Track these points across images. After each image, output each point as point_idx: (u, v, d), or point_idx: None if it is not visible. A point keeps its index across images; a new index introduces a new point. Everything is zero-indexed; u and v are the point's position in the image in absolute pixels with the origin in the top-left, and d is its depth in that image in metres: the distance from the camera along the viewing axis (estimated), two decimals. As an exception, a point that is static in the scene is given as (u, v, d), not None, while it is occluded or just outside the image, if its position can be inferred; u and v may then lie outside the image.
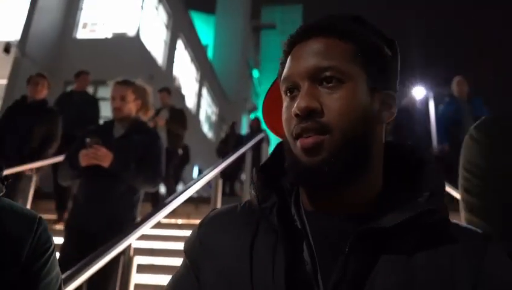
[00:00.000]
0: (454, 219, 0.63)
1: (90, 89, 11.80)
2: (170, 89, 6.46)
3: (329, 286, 0.55)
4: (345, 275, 0.55)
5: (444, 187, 0.61)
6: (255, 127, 7.72)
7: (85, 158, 2.29)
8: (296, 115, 0.60)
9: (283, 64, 0.67)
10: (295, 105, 0.60)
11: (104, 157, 2.28)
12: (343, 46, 0.61)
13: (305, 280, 0.57)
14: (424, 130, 5.48)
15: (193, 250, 0.69)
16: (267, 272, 0.59)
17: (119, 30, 12.61)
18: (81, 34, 12.47)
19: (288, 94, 0.64)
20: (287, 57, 0.66)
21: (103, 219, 2.25)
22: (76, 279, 1.66)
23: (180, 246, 3.31)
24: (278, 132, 0.76)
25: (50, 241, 0.75)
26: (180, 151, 6.02)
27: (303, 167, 0.59)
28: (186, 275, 0.68)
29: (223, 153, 7.24)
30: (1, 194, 0.74)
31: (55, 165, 4.21)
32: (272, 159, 0.71)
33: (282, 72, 0.66)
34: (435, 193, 0.59)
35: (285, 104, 0.65)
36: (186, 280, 0.67)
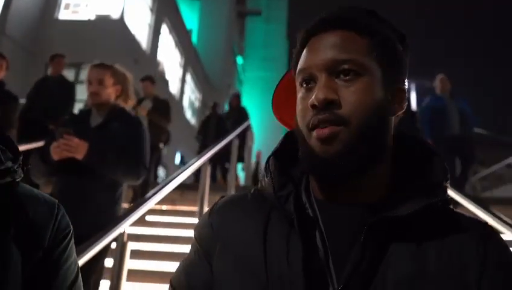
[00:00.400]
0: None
1: (71, 72, 11.59)
2: (154, 78, 6.12)
3: (343, 274, 0.57)
4: (358, 264, 0.56)
5: (449, 179, 0.64)
6: (235, 105, 7.63)
7: (56, 151, 2.01)
8: (313, 106, 0.61)
9: (298, 55, 0.67)
10: (313, 96, 0.60)
11: (77, 148, 2.00)
12: (360, 40, 0.63)
13: (319, 268, 0.59)
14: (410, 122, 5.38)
15: (205, 237, 0.70)
16: (282, 260, 0.60)
17: (103, 12, 12.32)
18: (63, 14, 12.14)
19: (304, 85, 0.64)
20: (303, 49, 0.66)
21: (81, 219, 1.73)
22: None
23: (165, 232, 3.33)
24: (286, 123, 0.77)
25: (69, 226, 0.77)
26: (161, 145, 5.64)
27: (318, 157, 0.60)
28: (199, 261, 0.68)
29: (203, 134, 7.14)
30: (19, 179, 0.75)
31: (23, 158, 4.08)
32: (281, 148, 0.71)
33: (295, 64, 0.67)
34: (443, 183, 0.62)
35: (300, 94, 0.65)
36: (199, 266, 0.68)
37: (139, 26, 13.69)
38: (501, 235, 0.64)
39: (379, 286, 0.56)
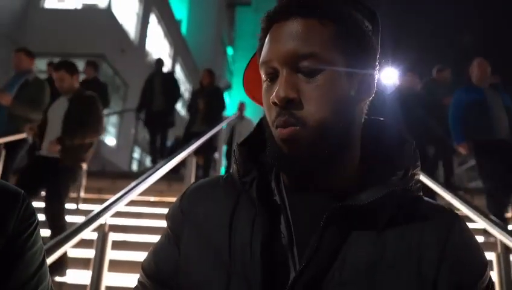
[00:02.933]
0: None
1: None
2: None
3: (303, 258, 0.57)
4: (319, 248, 0.57)
5: (419, 166, 0.63)
6: (206, 83, 6.46)
7: None
8: (275, 104, 0.59)
9: (261, 40, 0.65)
10: (274, 93, 0.59)
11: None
12: (323, 29, 0.59)
13: (281, 253, 0.59)
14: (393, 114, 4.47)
15: (174, 220, 0.70)
16: (245, 243, 0.61)
17: (90, 1, 12.16)
18: (49, 3, 11.95)
19: (268, 79, 0.63)
20: (265, 35, 0.64)
21: None
22: (53, 253, 1.68)
23: (153, 223, 3.34)
24: (258, 100, 0.75)
25: (35, 215, 0.79)
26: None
27: (282, 155, 0.60)
28: (167, 244, 0.69)
29: (147, 96, 6.67)
30: None
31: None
32: (254, 134, 0.71)
33: (261, 49, 0.65)
34: (409, 171, 0.61)
35: (264, 87, 0.64)
36: (167, 248, 0.69)
37: (127, 15, 13.53)
38: (469, 224, 0.63)
39: (337, 271, 0.56)
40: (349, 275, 0.56)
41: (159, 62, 7.17)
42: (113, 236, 2.16)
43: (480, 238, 3.27)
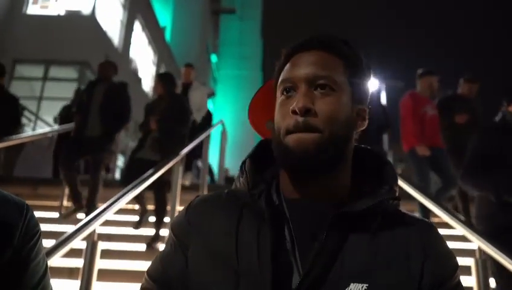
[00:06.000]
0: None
1: (40, 69, 11.28)
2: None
3: (307, 260, 0.65)
4: (321, 251, 0.65)
5: (397, 183, 0.76)
6: (160, 92, 4.31)
7: None
8: (294, 112, 0.70)
9: (281, 68, 0.77)
10: (294, 103, 0.70)
11: None
12: (337, 61, 0.74)
13: (286, 258, 0.68)
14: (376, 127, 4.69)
15: (182, 230, 0.77)
16: (252, 252, 0.68)
17: (73, 7, 12.08)
18: (32, 9, 11.83)
19: (285, 93, 0.74)
20: (286, 62, 0.77)
21: None
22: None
23: (138, 231, 3.30)
24: (259, 129, 0.88)
25: (38, 225, 0.81)
26: None
27: (293, 153, 0.69)
28: (175, 254, 0.75)
29: (78, 105, 4.73)
30: None
31: None
32: (256, 153, 0.80)
33: (278, 75, 0.78)
34: (392, 187, 0.74)
35: (279, 101, 0.75)
36: (176, 258, 0.75)
37: (111, 22, 13.47)
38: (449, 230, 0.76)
39: (338, 271, 0.65)
40: (351, 269, 0.65)
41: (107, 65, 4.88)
42: (102, 245, 2.17)
43: (460, 245, 3.36)
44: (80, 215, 4.17)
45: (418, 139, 4.28)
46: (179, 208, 3.62)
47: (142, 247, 3.69)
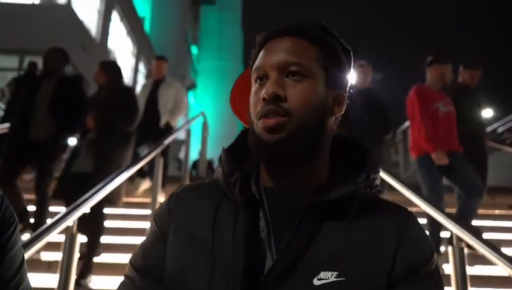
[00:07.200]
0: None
1: (14, 60, 10.98)
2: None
3: (280, 247, 0.66)
4: (294, 239, 0.65)
5: (379, 171, 0.76)
6: (102, 82, 3.59)
7: None
8: (264, 99, 0.70)
9: (255, 55, 0.77)
10: (264, 90, 0.70)
11: None
12: (310, 48, 0.73)
13: (260, 245, 0.68)
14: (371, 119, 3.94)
15: (162, 218, 0.77)
16: (228, 237, 0.69)
17: (48, -4, 11.76)
18: (5, -3, 11.46)
19: (258, 81, 0.74)
20: (260, 50, 0.76)
21: None
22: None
23: (120, 224, 3.29)
24: (242, 117, 0.87)
25: (14, 216, 0.80)
26: None
27: (264, 143, 0.69)
28: (156, 242, 0.76)
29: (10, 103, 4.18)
30: None
31: None
32: (236, 143, 0.81)
33: (253, 62, 0.77)
34: (370, 175, 0.73)
35: (253, 89, 0.75)
36: (156, 246, 0.75)
37: (88, 12, 13.17)
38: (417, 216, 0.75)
39: (309, 259, 0.65)
40: (323, 257, 0.65)
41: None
42: (81, 238, 2.14)
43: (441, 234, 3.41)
44: (26, 235, 3.30)
45: (433, 144, 3.44)
46: (160, 199, 3.60)
47: (125, 240, 3.66)
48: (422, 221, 3.27)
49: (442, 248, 3.40)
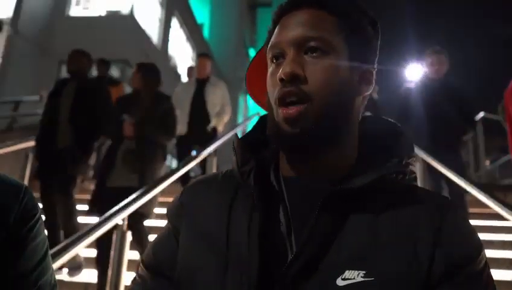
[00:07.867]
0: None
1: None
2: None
3: (299, 244, 0.58)
4: (314, 233, 0.57)
5: (414, 156, 0.66)
6: (140, 85, 3.23)
7: None
8: (281, 80, 0.62)
9: (271, 32, 0.68)
10: (280, 70, 0.62)
11: None
12: (330, 19, 0.64)
13: (280, 240, 0.61)
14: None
15: (174, 213, 0.73)
16: (243, 232, 0.62)
17: (113, 8, 12.43)
18: (74, 11, 12.29)
19: (274, 61, 0.66)
20: (275, 26, 0.68)
21: None
22: (70, 250, 1.70)
23: (160, 223, 3.29)
24: (259, 100, 0.79)
25: (36, 208, 0.80)
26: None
27: (285, 134, 0.62)
28: (167, 236, 0.72)
29: (47, 113, 3.54)
30: None
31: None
32: (254, 130, 0.73)
33: (269, 41, 0.68)
34: (403, 159, 0.64)
35: (270, 70, 0.66)
36: (166, 240, 0.71)
37: (149, 21, 13.75)
38: (460, 210, 0.63)
39: (333, 256, 0.57)
40: (348, 254, 0.57)
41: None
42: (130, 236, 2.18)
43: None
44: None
45: None
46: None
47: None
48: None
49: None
